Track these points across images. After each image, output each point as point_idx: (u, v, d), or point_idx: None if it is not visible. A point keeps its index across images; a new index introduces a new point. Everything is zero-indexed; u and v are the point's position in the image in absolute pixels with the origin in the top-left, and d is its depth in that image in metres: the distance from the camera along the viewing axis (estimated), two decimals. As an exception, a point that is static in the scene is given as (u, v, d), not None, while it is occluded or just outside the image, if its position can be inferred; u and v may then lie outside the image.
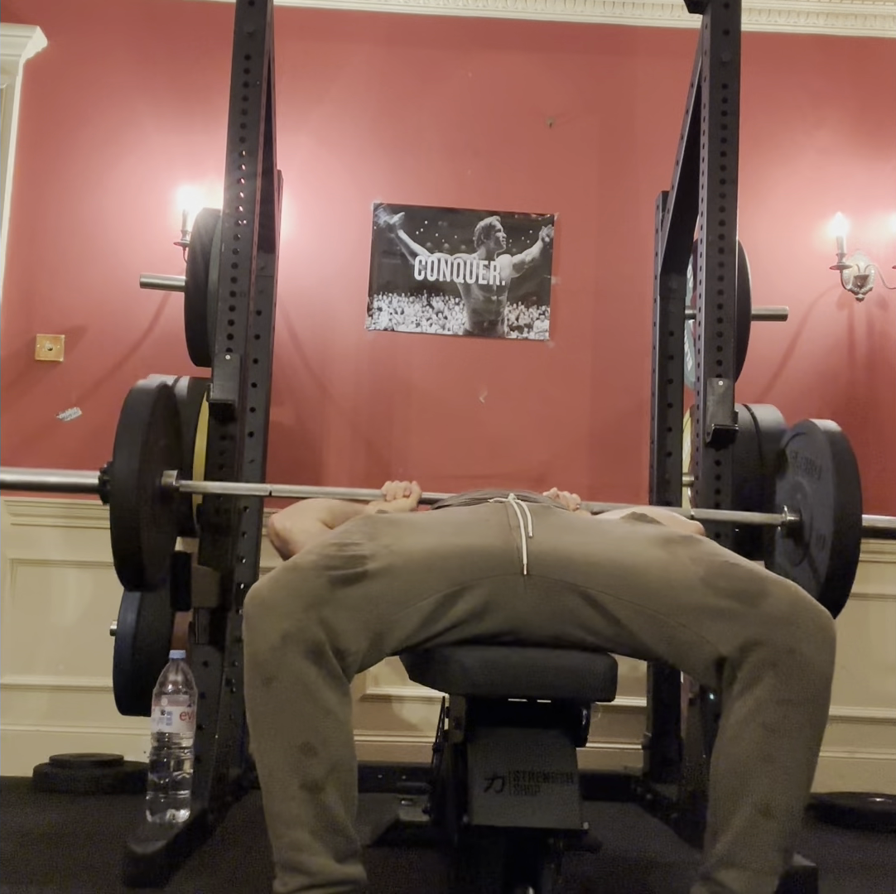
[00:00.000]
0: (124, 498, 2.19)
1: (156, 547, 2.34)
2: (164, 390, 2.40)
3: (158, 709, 2.21)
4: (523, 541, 1.71)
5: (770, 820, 1.57)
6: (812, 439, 2.47)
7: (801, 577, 2.48)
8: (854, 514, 2.32)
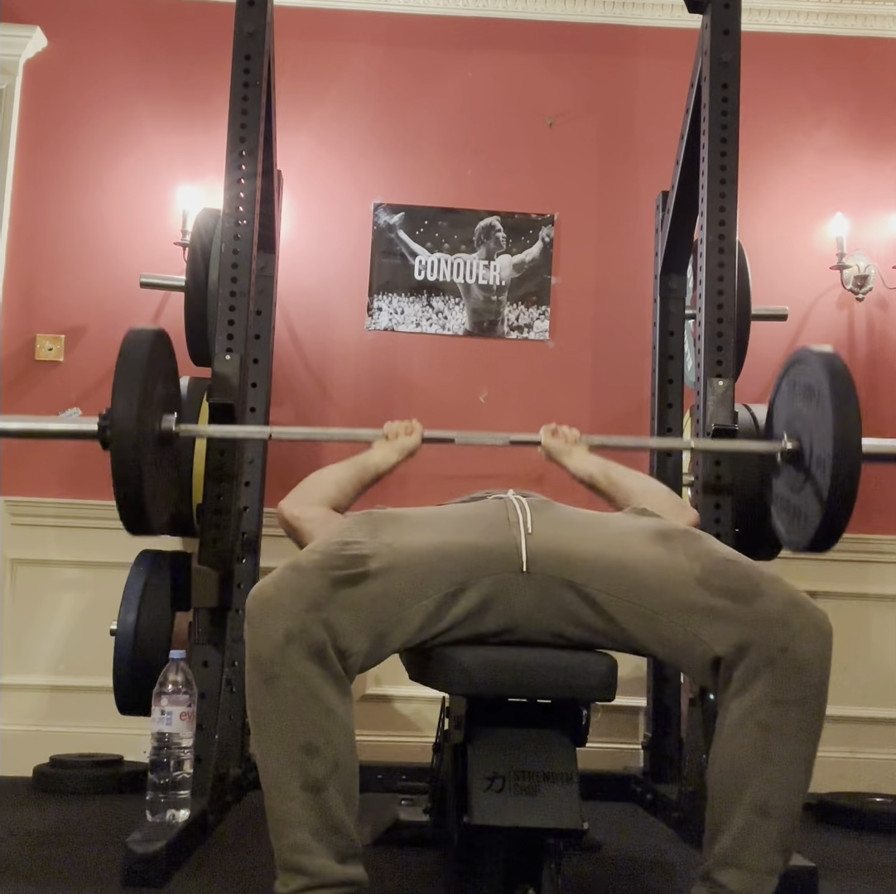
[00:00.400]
0: (124, 442, 2.16)
1: (157, 490, 2.32)
2: (160, 335, 2.38)
3: (158, 709, 2.21)
4: (522, 538, 1.72)
5: (768, 820, 1.57)
6: (809, 365, 2.43)
7: (802, 504, 2.45)
8: (853, 434, 2.28)
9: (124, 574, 2.88)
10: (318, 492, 2.11)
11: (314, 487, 2.13)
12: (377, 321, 3.56)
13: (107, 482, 3.13)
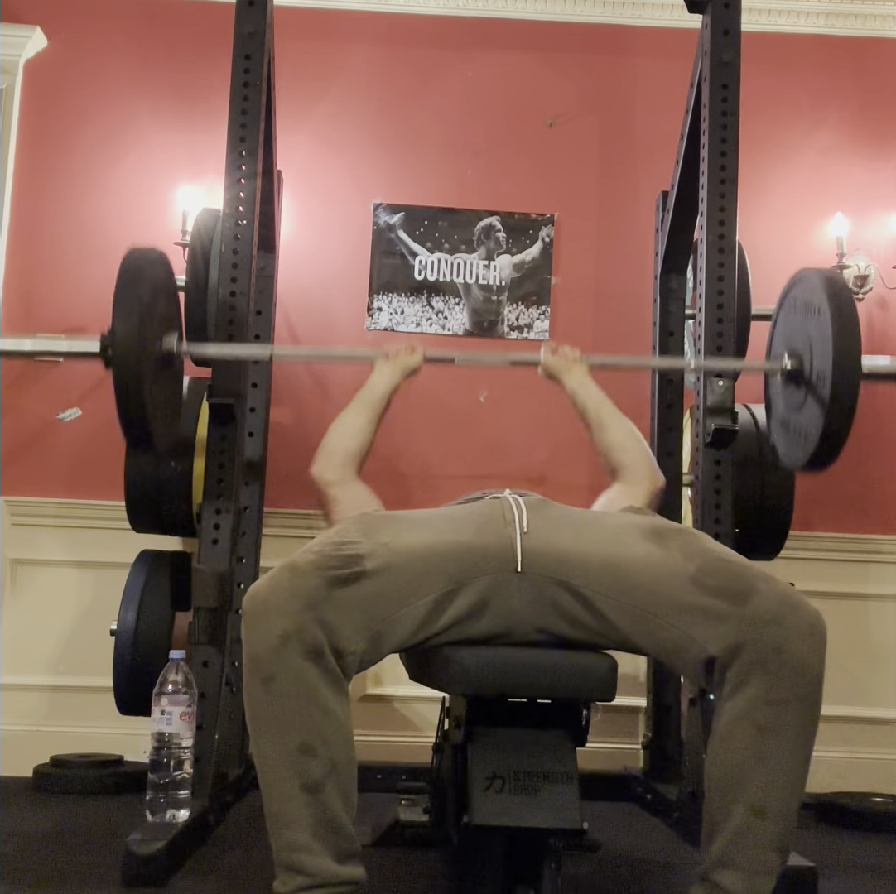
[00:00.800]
0: (127, 360, 2.14)
1: (161, 408, 2.31)
2: (160, 255, 2.37)
3: (158, 709, 2.21)
4: (518, 537, 1.72)
5: (764, 820, 1.57)
6: (808, 282, 2.43)
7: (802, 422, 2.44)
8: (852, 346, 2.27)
9: (124, 574, 2.88)
10: (341, 451, 2.14)
11: (336, 446, 2.15)
12: (377, 321, 3.56)
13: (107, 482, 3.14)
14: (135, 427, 2.21)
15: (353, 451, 2.14)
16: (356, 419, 2.20)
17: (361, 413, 2.22)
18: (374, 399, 2.25)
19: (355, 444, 2.15)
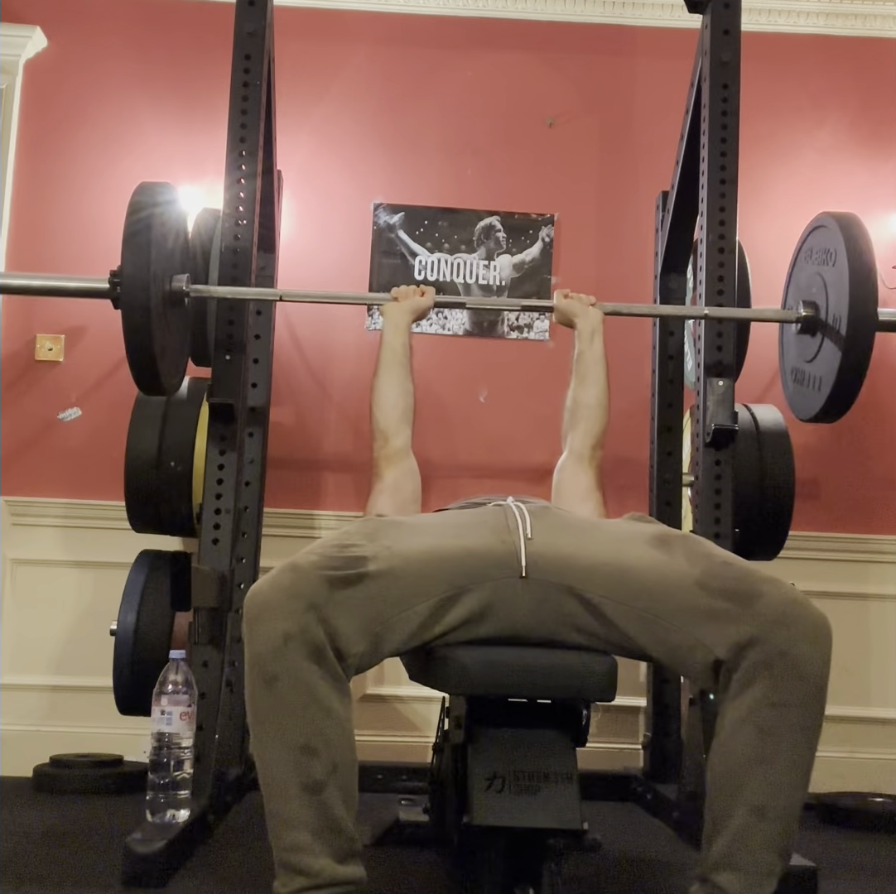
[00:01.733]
0: (136, 299, 2.13)
1: (170, 349, 2.29)
2: (171, 192, 2.33)
3: (158, 709, 2.21)
4: (522, 543, 1.72)
5: (765, 822, 1.57)
6: (826, 229, 2.41)
7: (815, 371, 2.44)
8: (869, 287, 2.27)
9: (124, 574, 2.88)
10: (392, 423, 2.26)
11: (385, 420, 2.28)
12: (377, 321, 3.55)
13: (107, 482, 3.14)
14: (142, 367, 2.19)
15: (401, 418, 2.26)
16: (389, 384, 2.28)
17: (391, 374, 2.29)
18: (396, 353, 2.31)
19: (400, 409, 2.27)
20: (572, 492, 2.19)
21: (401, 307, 2.37)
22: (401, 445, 2.21)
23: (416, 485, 2.21)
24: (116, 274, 2.19)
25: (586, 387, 2.35)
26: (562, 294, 2.49)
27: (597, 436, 2.28)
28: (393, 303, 2.39)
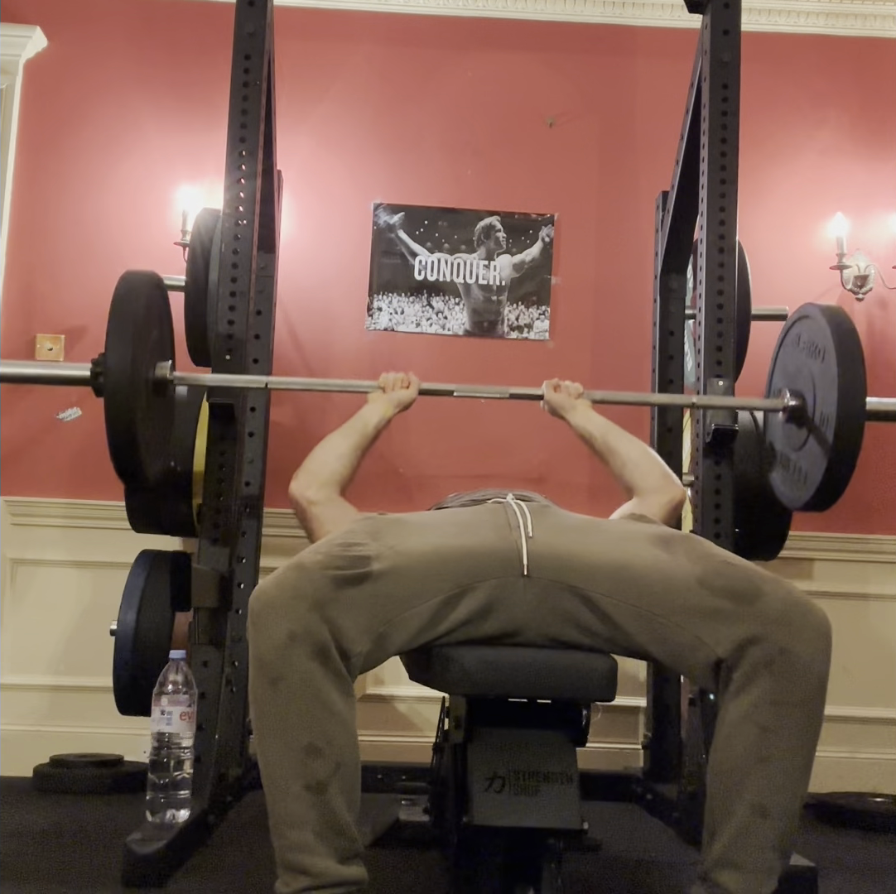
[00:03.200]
0: (118, 389, 2.11)
1: (152, 439, 2.27)
2: (155, 280, 2.34)
3: (158, 709, 2.21)
4: (523, 542, 1.72)
5: (766, 821, 1.57)
6: (813, 321, 2.42)
7: (804, 461, 2.44)
8: (859, 394, 2.28)
9: (124, 574, 2.88)
10: (326, 471, 2.12)
11: (321, 466, 2.14)
12: (377, 321, 3.56)
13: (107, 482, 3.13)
14: (124, 458, 2.17)
15: (336, 473, 2.13)
16: (343, 443, 2.20)
17: (350, 438, 2.21)
18: (364, 429, 2.25)
19: (339, 467, 2.14)
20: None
21: (387, 400, 2.35)
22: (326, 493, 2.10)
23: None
24: (98, 363, 2.18)
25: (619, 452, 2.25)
26: (551, 386, 2.46)
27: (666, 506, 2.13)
28: (379, 393, 2.37)
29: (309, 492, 2.08)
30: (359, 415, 2.30)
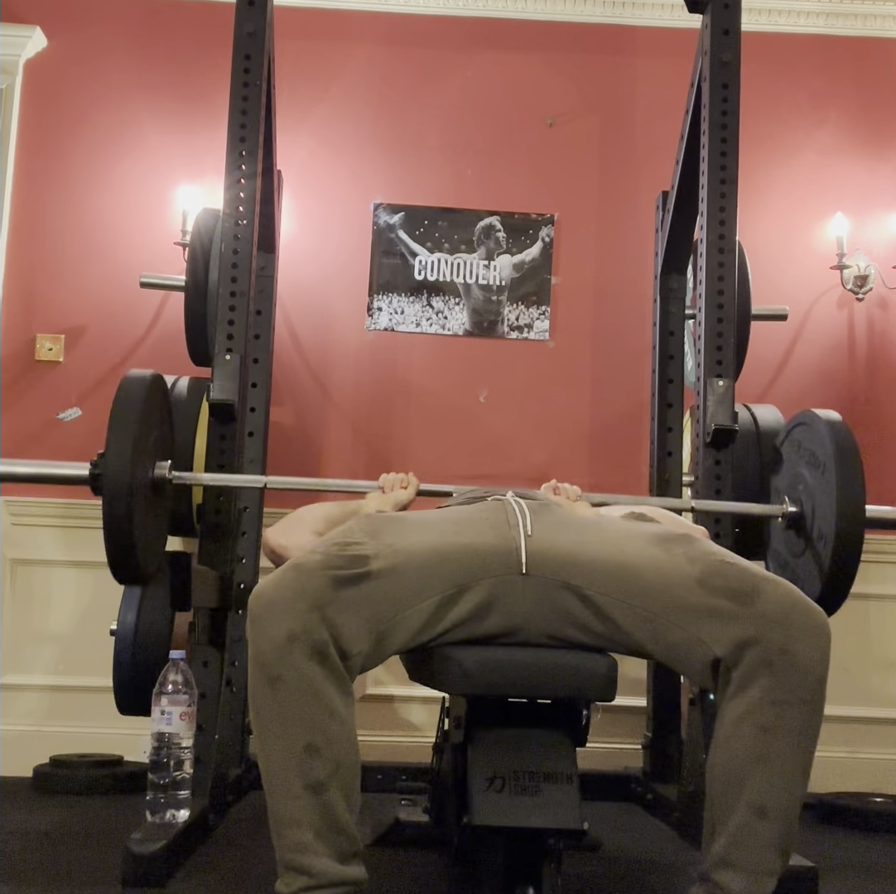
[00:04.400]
0: (116, 489, 2.14)
1: (149, 539, 2.31)
2: (157, 380, 2.36)
3: (158, 709, 2.21)
4: (522, 540, 1.72)
5: (765, 821, 1.57)
6: (814, 431, 2.44)
7: (802, 569, 2.47)
8: (858, 511, 2.31)
9: (124, 574, 2.88)
10: (308, 525, 2.08)
11: (304, 519, 2.10)
12: (377, 321, 3.56)
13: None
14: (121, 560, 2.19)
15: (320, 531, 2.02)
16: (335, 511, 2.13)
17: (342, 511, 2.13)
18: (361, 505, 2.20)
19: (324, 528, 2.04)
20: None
21: (384, 501, 2.33)
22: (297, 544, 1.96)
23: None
24: (97, 464, 2.20)
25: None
26: (549, 488, 2.44)
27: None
28: (377, 493, 2.36)
29: (283, 539, 2.02)
30: (356, 503, 2.24)
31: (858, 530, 2.32)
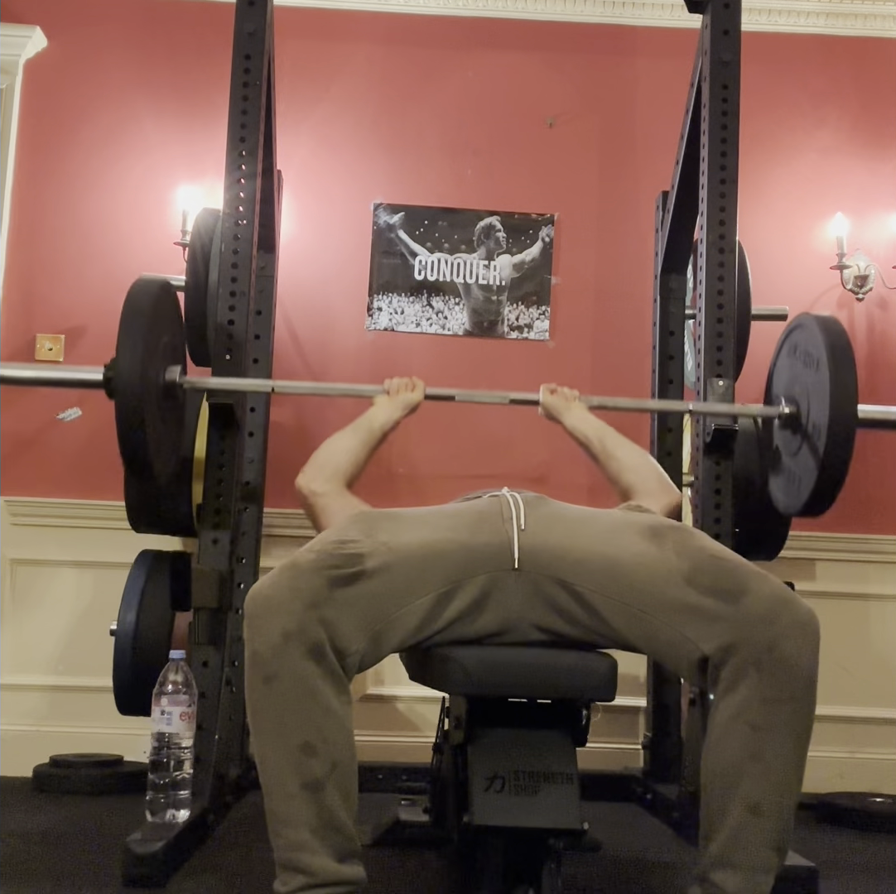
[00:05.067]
0: (129, 392, 2.15)
1: (162, 441, 2.32)
2: (166, 286, 2.37)
3: (158, 709, 2.21)
4: (515, 535, 1.72)
5: (760, 819, 1.57)
6: (809, 331, 2.45)
7: (797, 468, 2.47)
8: (849, 403, 2.30)
9: (124, 574, 2.88)
10: (331, 465, 2.14)
11: (327, 460, 2.15)
12: (377, 321, 3.56)
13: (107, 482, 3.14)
14: (137, 459, 2.22)
15: (343, 467, 2.14)
16: (351, 440, 2.22)
17: (357, 436, 2.23)
18: (371, 428, 2.26)
19: (345, 461, 2.16)
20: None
21: (393, 403, 2.35)
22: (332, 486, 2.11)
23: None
24: (110, 367, 2.21)
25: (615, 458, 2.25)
26: (548, 390, 2.47)
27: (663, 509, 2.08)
28: (384, 397, 2.38)
29: (314, 485, 2.10)
30: (365, 415, 2.31)
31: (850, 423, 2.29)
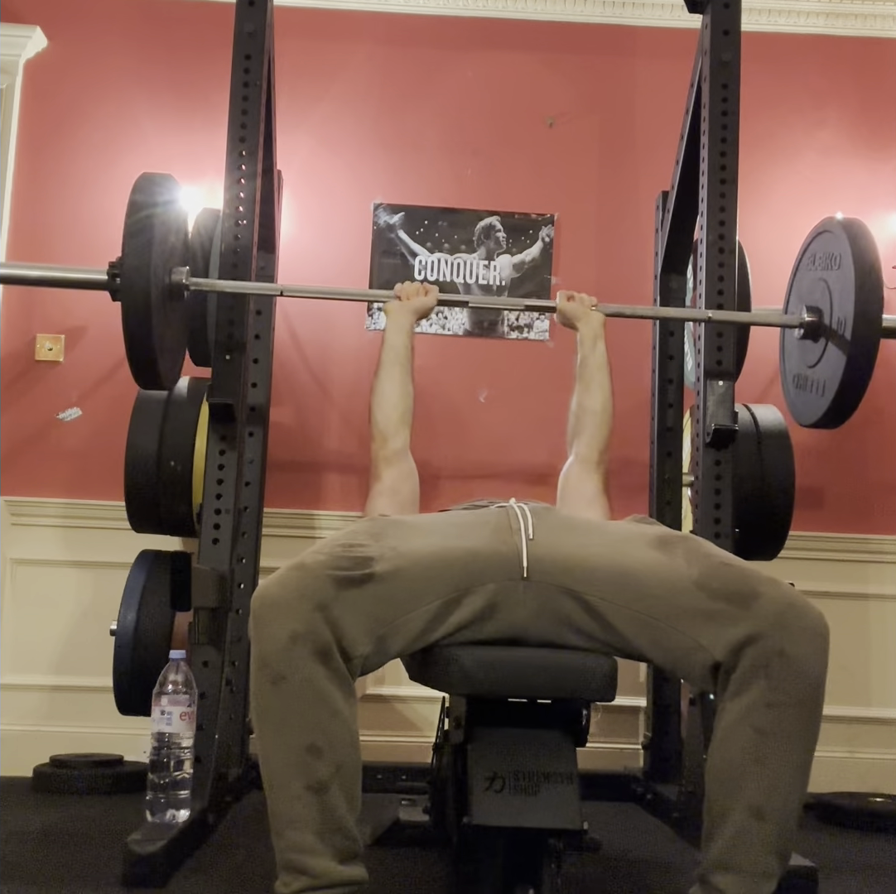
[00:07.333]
0: (135, 292, 2.12)
1: (168, 343, 2.29)
2: (171, 182, 2.33)
3: (158, 709, 2.21)
4: (524, 544, 1.72)
5: (763, 823, 1.57)
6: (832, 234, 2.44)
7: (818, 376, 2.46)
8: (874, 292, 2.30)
9: (124, 574, 2.88)
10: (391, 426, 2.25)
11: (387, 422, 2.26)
12: (377, 321, 3.56)
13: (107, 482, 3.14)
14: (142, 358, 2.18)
15: (400, 420, 2.25)
16: (392, 385, 2.28)
17: (394, 375, 2.29)
18: (398, 355, 2.31)
19: (400, 411, 2.26)
20: (579, 496, 2.18)
21: (404, 307, 2.35)
22: (399, 447, 2.21)
23: (415, 486, 2.21)
24: (116, 265, 2.17)
25: (591, 392, 2.34)
26: (565, 296, 2.49)
27: (603, 442, 2.27)
28: (396, 302, 2.37)
29: (384, 451, 2.20)
30: (386, 342, 2.34)
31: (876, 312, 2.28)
